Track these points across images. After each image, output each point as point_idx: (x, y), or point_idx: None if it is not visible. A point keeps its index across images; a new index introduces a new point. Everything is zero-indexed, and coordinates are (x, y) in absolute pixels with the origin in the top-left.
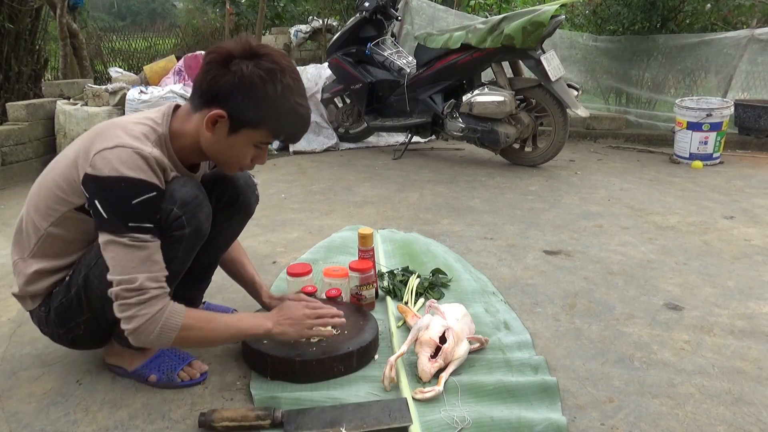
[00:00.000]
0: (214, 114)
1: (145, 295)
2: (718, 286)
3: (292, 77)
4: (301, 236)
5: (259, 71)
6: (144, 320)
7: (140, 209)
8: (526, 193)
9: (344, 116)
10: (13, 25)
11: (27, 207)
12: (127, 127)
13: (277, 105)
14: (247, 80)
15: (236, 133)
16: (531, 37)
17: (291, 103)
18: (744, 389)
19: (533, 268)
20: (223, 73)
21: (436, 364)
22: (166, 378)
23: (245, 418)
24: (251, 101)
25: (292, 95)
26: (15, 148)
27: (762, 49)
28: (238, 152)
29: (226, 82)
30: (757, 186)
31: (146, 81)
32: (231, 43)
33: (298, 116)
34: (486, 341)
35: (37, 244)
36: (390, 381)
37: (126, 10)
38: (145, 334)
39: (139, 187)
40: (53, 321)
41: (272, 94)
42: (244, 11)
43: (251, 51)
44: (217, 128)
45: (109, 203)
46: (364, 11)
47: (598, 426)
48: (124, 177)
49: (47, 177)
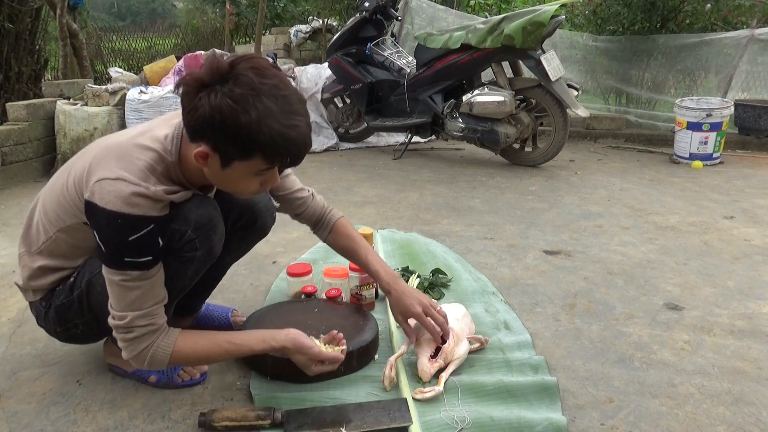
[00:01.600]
0: (200, 151)
1: (131, 334)
2: (718, 286)
3: (273, 96)
4: (301, 236)
5: (228, 100)
6: (134, 353)
7: (137, 245)
8: (526, 193)
9: (344, 116)
10: (13, 25)
11: (40, 204)
12: (134, 156)
13: (256, 134)
14: (217, 112)
15: (229, 167)
16: (531, 37)
17: (274, 128)
18: (744, 389)
19: (533, 268)
20: (196, 106)
21: (436, 365)
22: (166, 378)
23: (245, 418)
24: (227, 135)
25: (274, 118)
26: (15, 148)
27: (762, 49)
28: (239, 184)
29: (199, 116)
30: (757, 186)
31: (146, 81)
32: (203, 68)
33: (288, 139)
34: (486, 341)
35: (45, 243)
36: (390, 381)
37: (126, 10)
38: (138, 362)
39: (137, 223)
40: (52, 318)
41: (247, 122)
42: (244, 11)
43: (222, 74)
44: (209, 163)
45: (106, 237)
46: (364, 11)
47: (598, 426)
48: (120, 214)
49: (57, 184)
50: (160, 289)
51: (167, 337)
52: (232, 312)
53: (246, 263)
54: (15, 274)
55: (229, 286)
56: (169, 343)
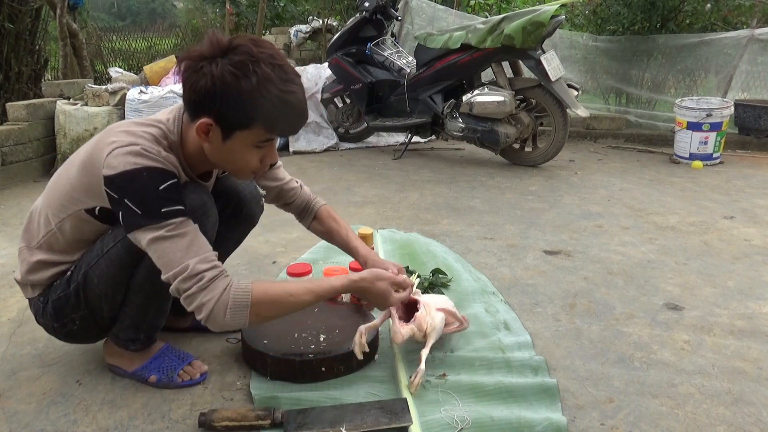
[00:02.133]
0: (202, 123)
1: (203, 280)
2: (718, 286)
3: (270, 64)
4: (301, 236)
5: (229, 67)
6: (211, 306)
7: (168, 194)
8: (526, 193)
9: (344, 116)
10: (13, 25)
11: (43, 199)
12: (139, 131)
13: (257, 98)
14: (219, 80)
15: (230, 138)
16: (531, 37)
17: (274, 93)
18: (744, 389)
19: (533, 268)
20: (198, 78)
21: (408, 328)
22: (166, 378)
23: (245, 418)
24: (229, 102)
25: (273, 84)
26: (15, 148)
27: (762, 49)
28: (240, 157)
29: (201, 87)
30: (757, 186)
31: (146, 81)
32: (203, 44)
33: (287, 104)
34: (464, 320)
35: (45, 237)
36: (360, 348)
37: (126, 10)
38: (219, 319)
39: (162, 174)
40: (49, 313)
41: (248, 88)
42: (244, 11)
43: (222, 47)
44: (210, 137)
45: (138, 196)
46: (364, 11)
47: (598, 426)
48: (144, 167)
49: (62, 175)
50: (205, 240)
51: (239, 281)
52: None
53: (246, 263)
54: (15, 272)
55: None
56: (246, 287)
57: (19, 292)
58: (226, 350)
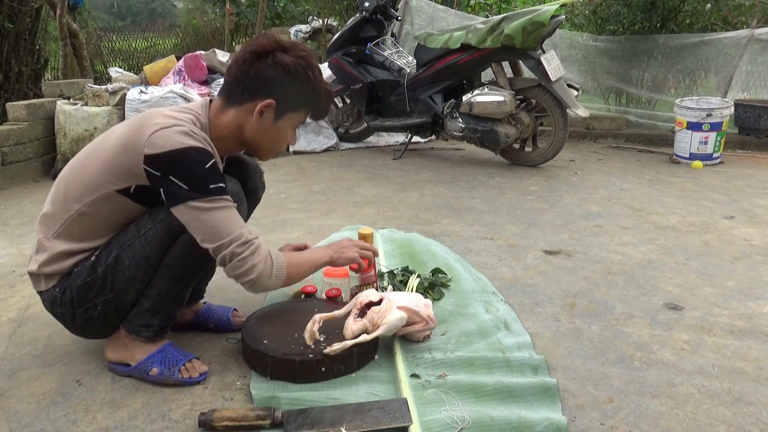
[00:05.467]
0: (265, 103)
1: (253, 245)
2: (718, 286)
3: (316, 66)
4: (301, 236)
5: (299, 60)
6: (261, 267)
7: (213, 172)
8: (526, 193)
9: (344, 116)
10: (13, 25)
11: (60, 187)
12: (174, 114)
13: (316, 87)
14: (292, 70)
15: (282, 118)
16: (531, 37)
17: (326, 88)
18: (744, 389)
19: (533, 268)
20: (266, 66)
21: (360, 323)
22: (168, 371)
23: (245, 418)
24: (296, 87)
25: (323, 79)
26: (15, 148)
27: (762, 49)
28: (282, 135)
29: (270, 73)
30: (757, 186)
31: (146, 81)
32: (261, 40)
33: (329, 94)
34: (430, 319)
35: (63, 224)
36: (311, 336)
37: (126, 10)
38: (265, 278)
39: (206, 155)
40: (69, 300)
41: (313, 78)
42: (244, 11)
43: (282, 45)
44: (264, 117)
45: (185, 173)
46: (364, 11)
47: (598, 426)
48: (191, 147)
49: (87, 161)
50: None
51: (273, 249)
52: (233, 312)
53: None
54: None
55: (230, 286)
56: (278, 253)
57: (20, 292)
58: (226, 350)
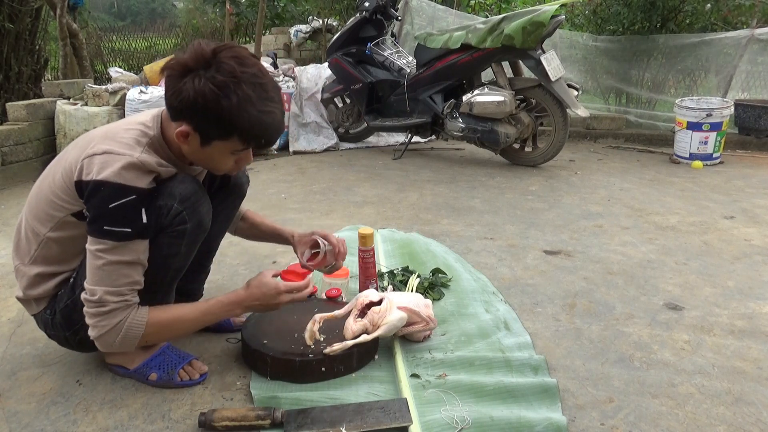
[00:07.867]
0: (181, 131)
1: (105, 308)
2: (718, 286)
3: (252, 83)
4: None
5: (211, 85)
6: (104, 330)
7: (117, 214)
8: (526, 193)
9: (344, 116)
10: (13, 25)
11: (25, 213)
12: (117, 135)
13: (236, 117)
14: (200, 96)
15: (208, 145)
16: (531, 37)
17: (252, 113)
18: (744, 389)
19: (533, 268)
20: (180, 89)
21: (361, 323)
22: (166, 376)
23: (245, 418)
24: (209, 117)
25: (252, 105)
26: (15, 148)
27: (762, 49)
28: (216, 161)
29: (183, 98)
30: (757, 186)
31: (146, 81)
32: (189, 53)
33: (263, 124)
34: (430, 320)
35: (37, 249)
36: (311, 336)
37: (126, 10)
38: (107, 341)
39: (118, 192)
40: (59, 323)
41: (228, 107)
42: (244, 11)
43: (206, 59)
44: (189, 141)
45: (92, 207)
46: (364, 11)
47: (598, 426)
48: (103, 182)
49: (44, 183)
50: (135, 272)
51: (140, 311)
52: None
53: (246, 263)
54: (16, 290)
55: (229, 286)
56: (141, 321)
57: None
58: (226, 350)
